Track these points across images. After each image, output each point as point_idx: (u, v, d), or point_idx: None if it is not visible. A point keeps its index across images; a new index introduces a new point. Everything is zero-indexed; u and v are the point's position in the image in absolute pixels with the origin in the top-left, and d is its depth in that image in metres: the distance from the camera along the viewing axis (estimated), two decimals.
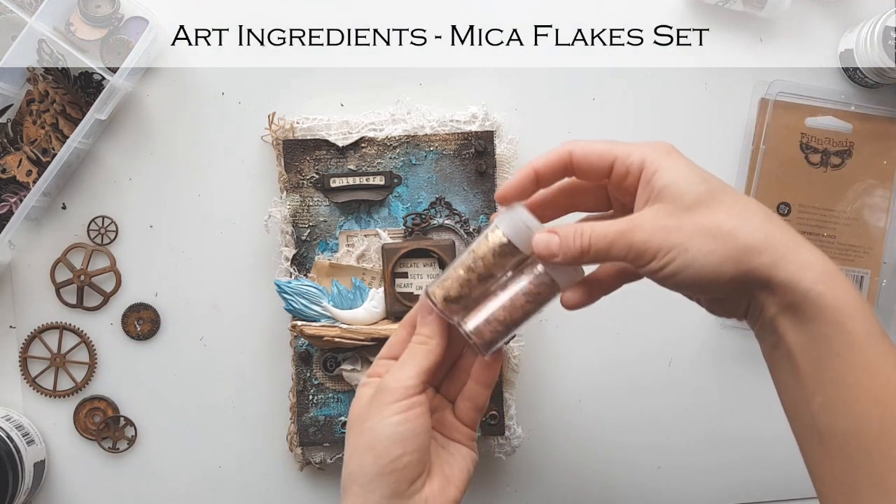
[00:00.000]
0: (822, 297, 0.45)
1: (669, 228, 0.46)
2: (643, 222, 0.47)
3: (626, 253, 0.47)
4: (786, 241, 0.46)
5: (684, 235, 0.46)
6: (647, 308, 0.75)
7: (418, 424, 0.51)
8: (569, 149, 0.51)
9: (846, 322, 0.44)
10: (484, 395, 0.55)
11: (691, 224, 0.46)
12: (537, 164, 0.51)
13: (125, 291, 0.74)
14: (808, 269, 0.45)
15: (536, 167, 0.51)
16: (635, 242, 0.47)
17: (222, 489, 0.75)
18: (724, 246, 0.46)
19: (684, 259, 0.46)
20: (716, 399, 0.76)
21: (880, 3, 0.75)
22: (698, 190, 0.47)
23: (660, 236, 0.46)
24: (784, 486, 0.77)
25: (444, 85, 0.74)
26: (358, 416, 0.52)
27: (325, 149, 0.71)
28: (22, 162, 0.70)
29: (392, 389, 0.51)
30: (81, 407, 0.74)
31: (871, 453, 0.44)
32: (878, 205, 0.75)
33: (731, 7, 0.74)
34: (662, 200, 0.47)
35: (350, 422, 0.53)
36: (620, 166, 0.49)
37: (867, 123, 0.75)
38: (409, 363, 0.52)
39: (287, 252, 0.71)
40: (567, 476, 0.76)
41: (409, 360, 0.53)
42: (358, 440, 0.51)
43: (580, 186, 0.54)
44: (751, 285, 0.46)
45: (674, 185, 0.47)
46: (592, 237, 0.48)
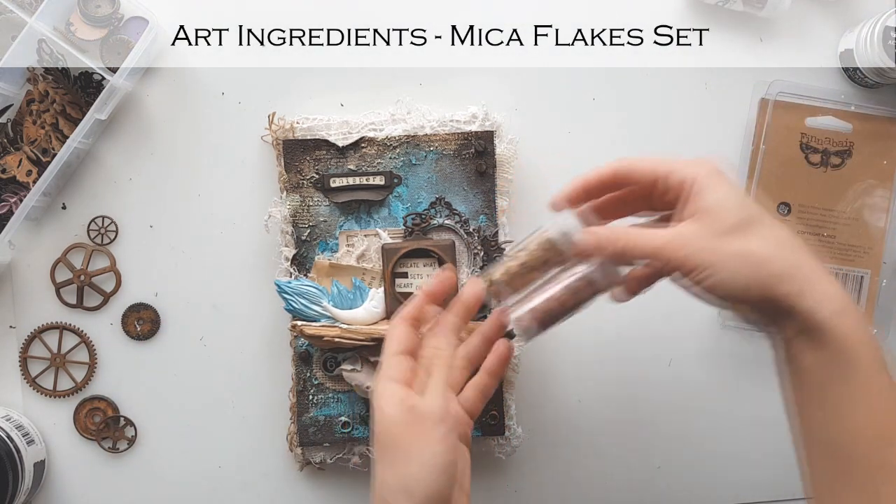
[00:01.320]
0: (838, 328, 0.49)
1: (708, 249, 0.50)
2: (684, 240, 0.51)
3: (665, 265, 0.52)
4: (810, 272, 0.50)
5: (720, 257, 0.50)
6: (647, 308, 0.75)
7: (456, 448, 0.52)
8: (615, 167, 0.55)
9: (855, 352, 0.49)
10: (493, 385, 0.59)
11: (728, 247, 0.50)
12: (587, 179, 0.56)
13: (125, 291, 0.74)
14: (829, 301, 0.49)
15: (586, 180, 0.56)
16: (675, 258, 0.51)
17: (222, 489, 0.75)
18: (756, 272, 0.50)
19: (717, 279, 0.50)
20: (716, 399, 0.76)
21: (880, 3, 0.75)
22: (739, 215, 0.51)
23: (698, 256, 0.50)
24: (784, 486, 0.77)
25: (444, 85, 0.74)
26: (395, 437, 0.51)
27: (325, 149, 0.71)
28: (22, 162, 0.70)
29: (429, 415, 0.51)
30: (81, 407, 0.74)
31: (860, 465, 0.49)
32: (878, 205, 0.75)
33: (731, 7, 0.74)
34: (704, 220, 0.51)
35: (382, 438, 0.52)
36: (663, 184, 0.54)
37: (867, 123, 0.75)
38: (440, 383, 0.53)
39: (287, 252, 0.71)
40: (567, 476, 0.76)
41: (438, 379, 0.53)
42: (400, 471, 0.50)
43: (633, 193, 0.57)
44: (774, 308, 0.50)
45: (717, 207, 0.51)
46: (636, 244, 0.52)
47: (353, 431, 0.71)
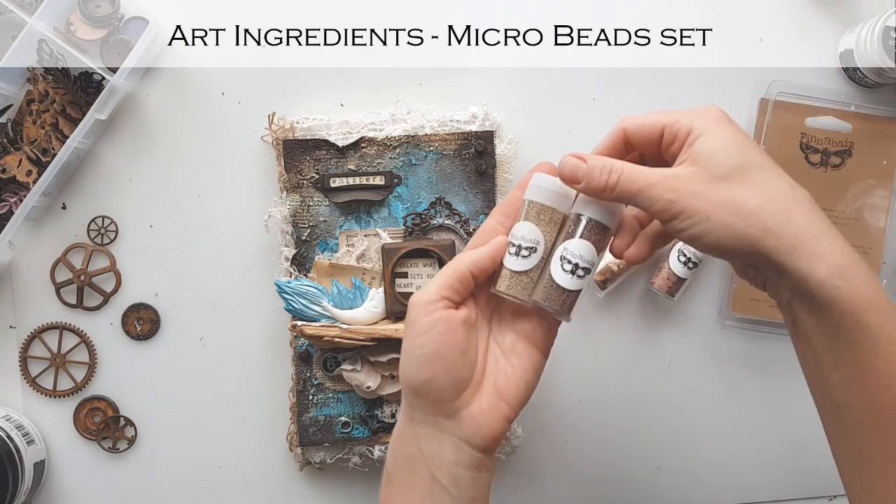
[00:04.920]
0: (837, 290, 0.45)
1: (697, 194, 0.47)
2: (674, 181, 0.48)
3: (650, 205, 0.48)
4: (806, 228, 0.46)
5: (709, 204, 0.47)
6: (647, 308, 0.75)
7: (443, 343, 0.50)
8: (623, 126, 0.52)
9: (861, 314, 0.45)
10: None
11: (718, 194, 0.47)
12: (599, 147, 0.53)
13: (125, 291, 0.74)
14: (822, 261, 0.45)
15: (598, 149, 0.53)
16: (661, 198, 0.48)
17: (222, 489, 0.75)
18: (744, 223, 0.46)
19: (704, 227, 0.47)
20: (716, 399, 0.76)
21: (880, 3, 0.75)
22: (734, 161, 0.48)
23: (686, 200, 0.47)
24: (784, 486, 0.77)
25: (444, 85, 0.74)
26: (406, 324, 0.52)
27: (325, 149, 0.71)
28: (22, 162, 0.70)
29: (415, 305, 0.51)
30: (81, 407, 0.74)
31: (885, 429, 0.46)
32: (878, 205, 0.75)
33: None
34: (698, 164, 0.48)
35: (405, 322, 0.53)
36: (669, 134, 0.50)
37: (867, 123, 0.75)
38: (436, 278, 0.52)
39: (287, 252, 0.71)
40: (567, 476, 0.76)
41: (438, 274, 0.52)
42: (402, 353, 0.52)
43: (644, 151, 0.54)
44: (763, 266, 0.47)
45: (713, 153, 0.48)
46: (622, 178, 0.49)
47: (353, 431, 0.71)
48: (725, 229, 0.47)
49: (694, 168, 0.48)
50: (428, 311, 0.51)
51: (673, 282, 0.73)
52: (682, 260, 0.72)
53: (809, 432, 0.76)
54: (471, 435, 0.51)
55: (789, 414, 0.76)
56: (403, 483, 0.51)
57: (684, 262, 0.72)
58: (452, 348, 0.51)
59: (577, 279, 0.52)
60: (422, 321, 0.51)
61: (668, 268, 0.73)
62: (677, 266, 0.72)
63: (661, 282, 0.73)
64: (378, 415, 0.71)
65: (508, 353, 0.54)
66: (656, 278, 0.74)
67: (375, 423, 0.71)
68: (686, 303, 0.75)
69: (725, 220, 0.47)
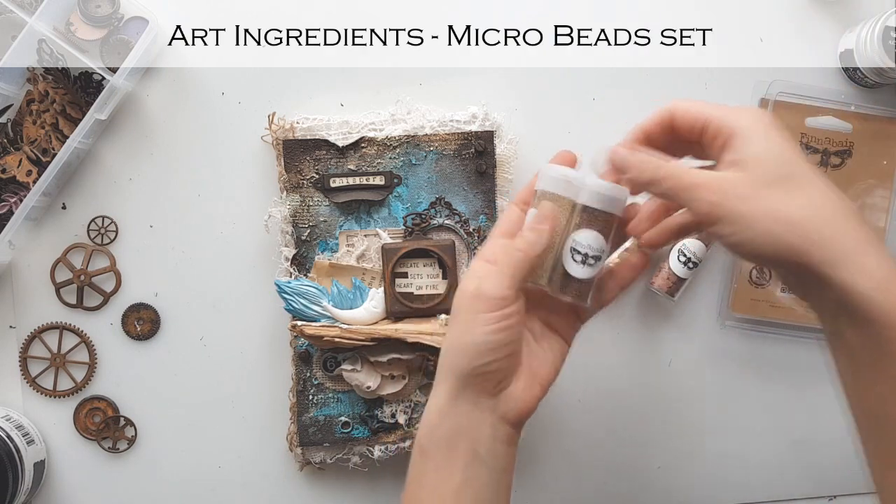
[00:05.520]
0: (881, 305, 0.45)
1: (742, 199, 0.47)
2: (721, 185, 0.47)
3: (696, 207, 0.48)
4: (853, 241, 0.46)
5: (752, 212, 0.46)
6: (647, 308, 0.75)
7: (510, 334, 0.52)
8: (671, 108, 0.52)
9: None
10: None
11: (765, 202, 0.46)
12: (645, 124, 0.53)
13: (125, 291, 0.74)
14: (866, 274, 0.45)
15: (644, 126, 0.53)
16: (704, 201, 0.47)
17: (222, 489, 0.75)
18: (789, 234, 0.46)
19: (746, 235, 0.47)
20: (716, 399, 0.76)
21: (880, 3, 0.75)
22: (782, 170, 0.47)
23: (731, 204, 0.47)
24: (784, 486, 0.77)
25: (444, 85, 0.74)
26: (461, 310, 0.53)
27: (325, 149, 0.71)
28: (22, 162, 0.70)
29: (487, 299, 0.52)
30: (81, 407, 0.74)
31: None
32: (878, 205, 0.75)
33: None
34: (746, 170, 0.47)
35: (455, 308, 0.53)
36: (712, 128, 0.50)
37: (867, 123, 0.75)
38: (507, 271, 0.52)
39: (287, 252, 0.71)
40: (567, 476, 0.76)
41: (507, 266, 0.52)
42: (457, 338, 0.53)
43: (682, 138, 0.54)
44: (806, 276, 0.47)
45: (761, 158, 0.47)
46: (670, 176, 0.49)
47: (353, 431, 0.71)
48: (769, 238, 0.46)
49: (742, 174, 0.48)
50: (501, 304, 0.52)
51: (673, 282, 0.73)
52: (682, 260, 0.72)
53: (809, 432, 0.76)
54: (507, 412, 0.54)
55: (789, 414, 0.76)
56: (441, 457, 0.53)
57: (684, 262, 0.72)
58: (520, 337, 0.53)
59: (589, 268, 0.54)
60: (494, 313, 0.52)
61: (668, 268, 0.73)
62: (677, 266, 0.72)
63: (661, 282, 0.73)
64: (378, 415, 0.71)
65: (539, 338, 0.57)
66: (656, 278, 0.74)
67: (375, 423, 0.71)
68: (686, 303, 0.75)
69: (770, 229, 0.46)
